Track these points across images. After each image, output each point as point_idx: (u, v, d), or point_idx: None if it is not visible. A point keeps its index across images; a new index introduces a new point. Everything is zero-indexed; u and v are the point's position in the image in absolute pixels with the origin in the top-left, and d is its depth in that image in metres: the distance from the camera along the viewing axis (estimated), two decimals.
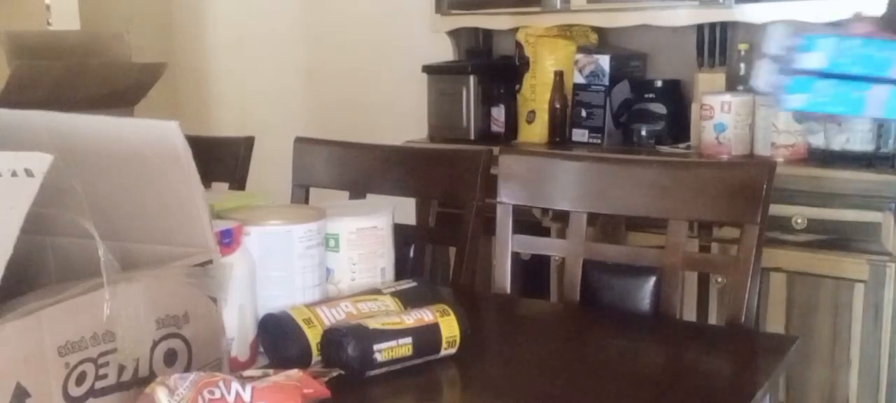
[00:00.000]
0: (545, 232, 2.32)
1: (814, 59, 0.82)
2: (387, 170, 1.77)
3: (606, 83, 2.69)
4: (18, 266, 0.83)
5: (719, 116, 2.41)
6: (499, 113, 2.97)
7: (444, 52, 3.14)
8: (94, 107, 1.28)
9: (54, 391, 0.85)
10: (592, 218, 1.55)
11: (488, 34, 3.12)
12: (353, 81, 3.49)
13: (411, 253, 1.66)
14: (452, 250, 1.71)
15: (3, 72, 2.13)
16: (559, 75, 2.78)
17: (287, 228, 1.21)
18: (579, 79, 2.75)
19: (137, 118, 1.83)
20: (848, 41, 0.82)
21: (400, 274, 1.35)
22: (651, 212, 1.47)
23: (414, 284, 1.23)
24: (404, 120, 3.19)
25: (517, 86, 2.96)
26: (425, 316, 1.08)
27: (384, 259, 1.33)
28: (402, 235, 1.44)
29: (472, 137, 2.93)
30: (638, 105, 2.68)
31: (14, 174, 0.84)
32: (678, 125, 2.63)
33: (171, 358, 0.96)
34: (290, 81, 3.70)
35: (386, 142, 1.87)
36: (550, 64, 2.82)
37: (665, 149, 2.55)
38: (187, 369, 0.96)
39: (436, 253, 1.94)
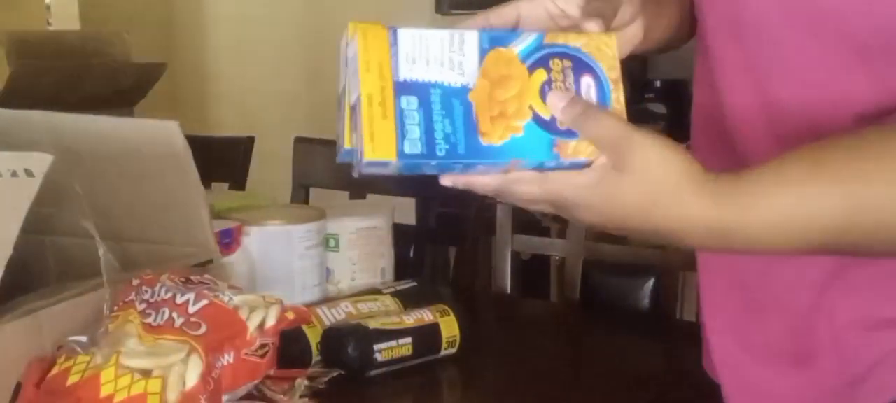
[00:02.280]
0: (545, 232, 2.31)
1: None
2: None
3: None
4: (18, 266, 0.83)
5: None
6: None
7: None
8: (94, 107, 1.28)
9: None
10: None
11: None
12: None
13: (411, 253, 1.66)
14: (452, 250, 1.71)
15: (3, 72, 2.13)
16: None
17: (287, 228, 1.21)
18: None
19: (137, 118, 1.84)
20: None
21: (400, 274, 1.35)
22: None
23: (414, 284, 1.23)
24: None
25: None
26: (425, 316, 1.08)
27: (384, 259, 1.33)
28: (402, 235, 1.44)
29: None
30: (638, 105, 2.68)
31: (14, 174, 0.84)
32: (678, 125, 2.62)
33: None
34: (290, 81, 3.70)
35: None
36: None
37: None
38: None
39: (436, 253, 1.94)
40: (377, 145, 0.63)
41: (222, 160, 2.02)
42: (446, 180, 0.65)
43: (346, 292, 1.25)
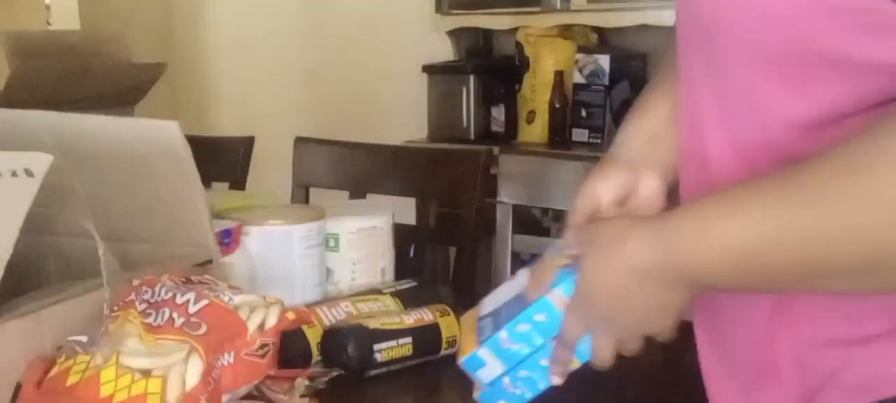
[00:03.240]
0: (545, 232, 2.32)
1: (490, 371, 0.82)
2: (387, 170, 1.77)
3: (606, 83, 2.70)
4: (18, 266, 0.83)
5: None
6: (499, 113, 2.97)
7: (444, 52, 3.15)
8: (94, 107, 1.28)
9: None
10: None
11: (488, 34, 3.12)
12: (354, 81, 3.50)
13: (411, 253, 1.66)
14: (452, 250, 1.71)
15: (3, 72, 2.13)
16: (559, 75, 2.78)
17: (287, 228, 1.21)
18: (579, 79, 2.75)
19: (137, 118, 1.84)
20: (511, 333, 0.80)
21: (400, 274, 1.35)
22: None
23: (414, 284, 1.23)
24: (404, 120, 3.19)
25: (517, 87, 2.96)
26: (425, 316, 1.08)
27: (384, 259, 1.33)
28: (402, 235, 1.44)
29: (472, 137, 2.93)
30: None
31: (14, 174, 0.84)
32: None
33: None
34: (289, 81, 3.70)
35: (386, 142, 1.87)
36: (550, 64, 2.82)
37: None
38: None
39: (436, 253, 1.94)
40: (464, 347, 0.85)
41: (222, 160, 2.02)
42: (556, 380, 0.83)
43: (346, 292, 1.25)
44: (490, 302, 0.87)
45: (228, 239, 1.14)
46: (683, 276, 0.70)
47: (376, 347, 1.02)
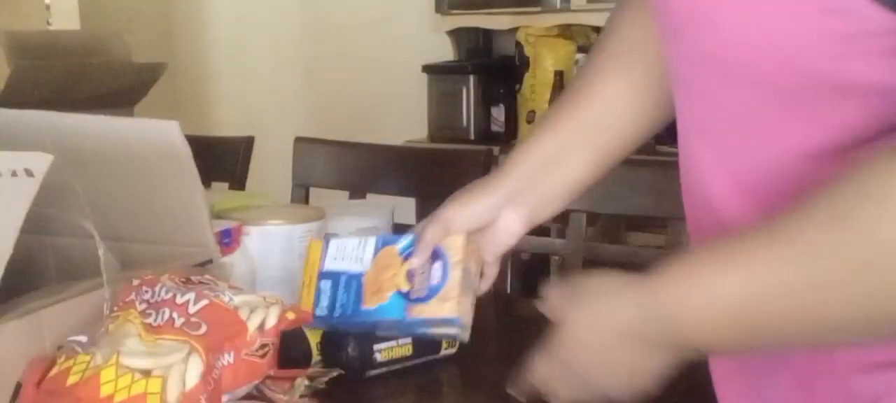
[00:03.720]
0: (545, 232, 2.31)
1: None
2: (387, 170, 1.77)
3: None
4: (18, 266, 0.83)
5: None
6: (499, 113, 2.97)
7: (444, 52, 3.15)
8: (94, 107, 1.28)
9: None
10: (592, 218, 1.55)
11: (488, 34, 3.12)
12: (353, 81, 3.50)
13: None
14: None
15: (3, 72, 2.13)
16: (559, 75, 2.78)
17: (287, 228, 1.21)
18: None
19: (137, 118, 1.84)
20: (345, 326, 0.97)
21: None
22: (651, 212, 1.46)
23: None
24: (404, 120, 3.19)
25: (517, 86, 2.96)
26: None
27: None
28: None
29: (472, 137, 2.93)
30: None
31: (14, 174, 0.84)
32: (669, 130, 2.62)
33: None
34: (289, 81, 3.70)
35: (386, 142, 1.87)
36: (550, 64, 2.82)
37: (665, 148, 2.55)
38: None
39: None
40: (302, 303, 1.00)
41: (222, 160, 2.02)
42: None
43: None
44: (335, 256, 1.00)
45: (228, 239, 1.14)
46: (671, 336, 0.67)
47: (376, 347, 1.02)
